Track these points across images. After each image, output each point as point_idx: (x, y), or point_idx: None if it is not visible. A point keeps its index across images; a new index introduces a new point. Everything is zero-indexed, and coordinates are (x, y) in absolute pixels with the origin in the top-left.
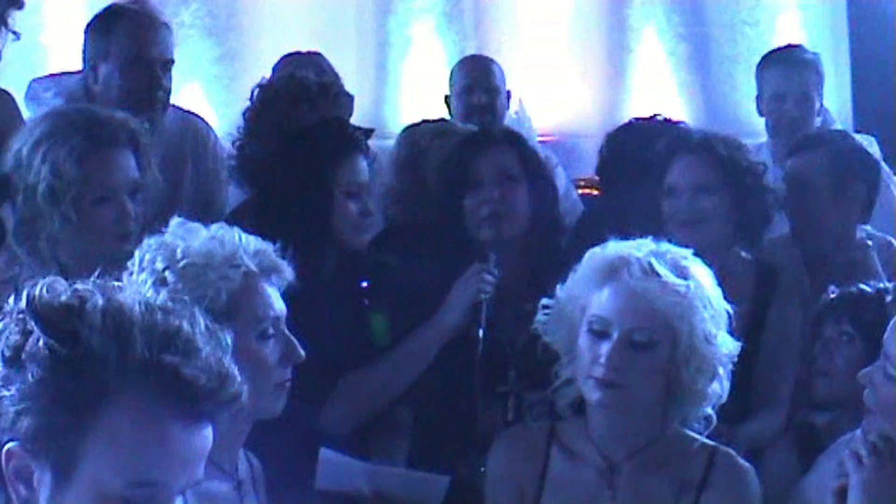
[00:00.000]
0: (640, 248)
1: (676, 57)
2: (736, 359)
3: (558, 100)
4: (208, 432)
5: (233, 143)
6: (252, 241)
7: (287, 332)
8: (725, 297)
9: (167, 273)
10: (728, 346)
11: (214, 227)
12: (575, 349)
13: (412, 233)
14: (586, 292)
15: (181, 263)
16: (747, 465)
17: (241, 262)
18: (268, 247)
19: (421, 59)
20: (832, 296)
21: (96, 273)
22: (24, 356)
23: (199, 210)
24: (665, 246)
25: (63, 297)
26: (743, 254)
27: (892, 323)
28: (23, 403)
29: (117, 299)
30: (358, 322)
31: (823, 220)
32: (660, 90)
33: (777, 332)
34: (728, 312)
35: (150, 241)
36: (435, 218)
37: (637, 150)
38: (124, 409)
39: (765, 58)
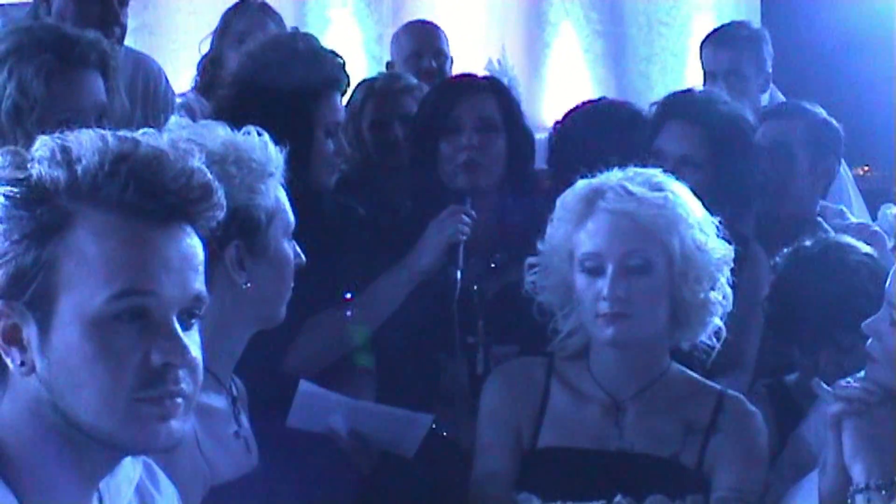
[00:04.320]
0: (609, 178)
1: (593, 53)
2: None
3: None
4: (193, 240)
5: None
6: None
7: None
8: None
9: None
10: (720, 250)
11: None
12: (572, 299)
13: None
14: (569, 235)
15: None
16: (755, 410)
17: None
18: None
19: (337, 42)
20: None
21: None
22: None
23: None
24: (633, 170)
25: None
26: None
27: (893, 269)
28: None
29: (69, 137)
30: (323, 264)
31: (794, 188)
32: (575, 85)
33: (746, 297)
34: (715, 222)
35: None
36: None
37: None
38: (86, 226)
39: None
